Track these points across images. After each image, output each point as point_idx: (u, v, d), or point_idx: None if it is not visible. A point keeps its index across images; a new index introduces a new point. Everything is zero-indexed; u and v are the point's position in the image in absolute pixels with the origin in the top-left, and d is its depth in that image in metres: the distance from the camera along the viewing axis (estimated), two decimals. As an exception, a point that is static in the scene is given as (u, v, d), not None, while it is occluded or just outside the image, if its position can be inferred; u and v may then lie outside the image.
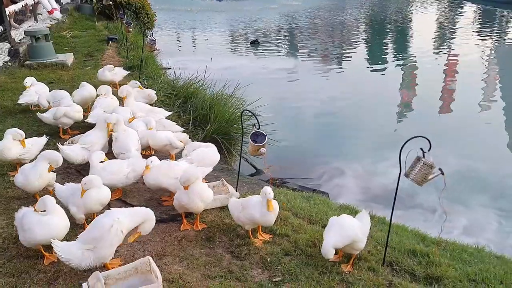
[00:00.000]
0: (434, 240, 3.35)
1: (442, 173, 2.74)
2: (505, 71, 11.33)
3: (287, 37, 16.48)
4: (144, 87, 5.79)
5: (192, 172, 3.07)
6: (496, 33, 15.96)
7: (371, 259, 2.94)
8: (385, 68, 11.76)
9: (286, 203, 3.63)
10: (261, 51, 13.70)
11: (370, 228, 3.08)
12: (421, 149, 2.71)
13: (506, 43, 14.34)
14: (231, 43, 15.32)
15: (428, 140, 2.69)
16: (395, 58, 12.90)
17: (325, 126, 8.09)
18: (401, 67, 11.87)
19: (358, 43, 15.02)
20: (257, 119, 3.14)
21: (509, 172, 6.22)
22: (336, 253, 2.81)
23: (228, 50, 13.87)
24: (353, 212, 3.69)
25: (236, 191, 3.56)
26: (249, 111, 3.29)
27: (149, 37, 7.09)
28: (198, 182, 3.08)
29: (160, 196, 3.58)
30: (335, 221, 2.84)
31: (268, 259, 2.89)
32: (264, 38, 15.84)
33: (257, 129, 3.12)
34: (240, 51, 13.79)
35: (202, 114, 5.48)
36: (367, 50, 14.05)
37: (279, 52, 13.79)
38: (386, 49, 14.45)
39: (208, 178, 4.03)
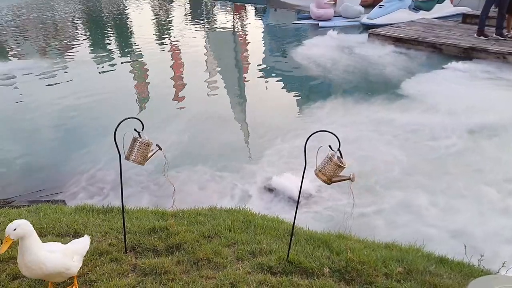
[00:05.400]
0: (172, 213, 3.54)
1: (160, 149, 2.89)
2: (219, 52, 12.87)
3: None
4: None
5: None
6: (206, 20, 17.88)
7: (113, 251, 2.88)
8: (114, 63, 11.53)
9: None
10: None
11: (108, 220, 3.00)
12: (135, 129, 2.78)
13: (215, 29, 16.22)
14: None
15: (140, 121, 2.78)
16: (122, 52, 12.83)
17: (60, 132, 7.37)
18: (130, 60, 11.88)
19: (79, 40, 14.23)
20: None
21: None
22: None
23: None
24: (91, 210, 3.53)
25: None
26: None
27: None
28: None
29: None
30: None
31: (-9, 292, 2.46)
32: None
33: None
34: None
35: None
36: (90, 46, 13.48)
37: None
38: (110, 43, 14.19)
39: None
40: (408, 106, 7.63)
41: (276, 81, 9.82)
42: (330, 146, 2.68)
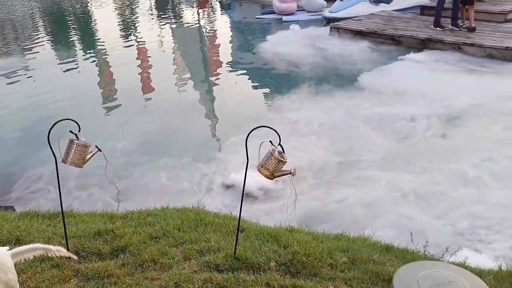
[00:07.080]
0: (120, 215, 3.47)
1: (100, 150, 2.83)
2: (186, 47, 12.80)
3: None
4: None
5: None
6: (172, 16, 17.63)
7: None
8: (78, 63, 11.20)
9: None
10: None
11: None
12: (71, 131, 2.71)
13: (182, 24, 16.04)
14: None
15: (77, 123, 2.71)
16: (86, 51, 12.46)
17: (16, 133, 7.15)
18: (94, 60, 11.56)
19: (40, 40, 13.73)
20: None
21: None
22: None
23: None
24: (35, 216, 3.44)
25: None
26: None
27: None
28: None
29: None
30: None
31: None
32: None
33: None
34: None
35: None
36: (52, 47, 13.08)
37: None
38: (73, 43, 13.81)
39: None
40: (372, 96, 7.76)
41: (243, 75, 9.85)
42: (271, 141, 2.68)
